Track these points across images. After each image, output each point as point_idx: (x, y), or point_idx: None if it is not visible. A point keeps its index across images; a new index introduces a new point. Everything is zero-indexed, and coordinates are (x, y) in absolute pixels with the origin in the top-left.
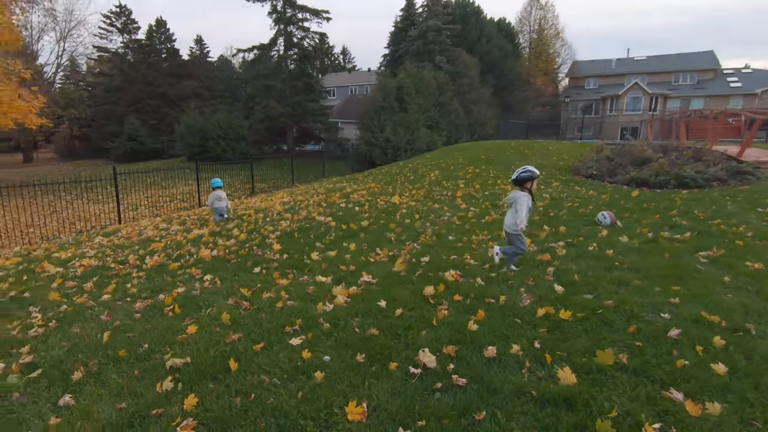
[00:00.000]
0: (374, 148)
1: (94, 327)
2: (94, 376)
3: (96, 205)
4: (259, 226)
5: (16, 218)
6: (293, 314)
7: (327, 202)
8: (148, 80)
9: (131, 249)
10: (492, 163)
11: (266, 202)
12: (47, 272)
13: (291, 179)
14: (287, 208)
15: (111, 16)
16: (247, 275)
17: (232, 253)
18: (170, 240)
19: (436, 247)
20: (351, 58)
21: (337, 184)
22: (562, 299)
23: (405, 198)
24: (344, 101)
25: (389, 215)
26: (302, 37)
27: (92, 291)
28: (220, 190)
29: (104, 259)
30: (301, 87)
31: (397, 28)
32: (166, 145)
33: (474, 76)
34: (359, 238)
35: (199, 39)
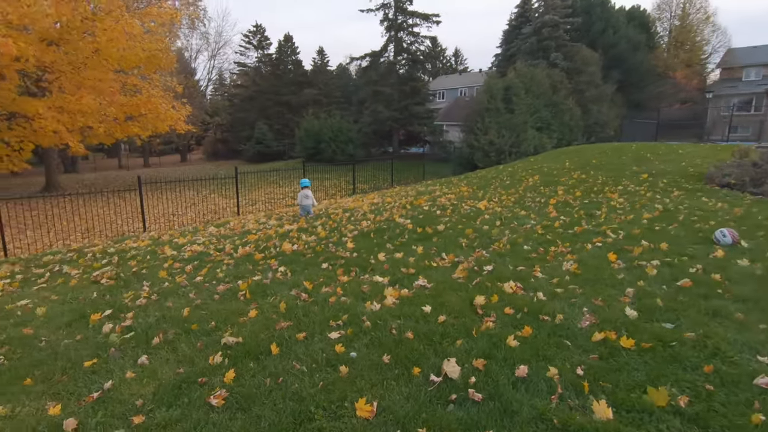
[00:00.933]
0: (476, 151)
1: (182, 303)
2: (169, 344)
3: (224, 200)
4: (342, 224)
5: (165, 208)
6: (342, 310)
7: (412, 205)
8: (275, 90)
9: (231, 239)
10: (602, 168)
11: (357, 202)
12: (165, 254)
13: (390, 181)
14: (373, 209)
15: (249, 35)
16: (315, 270)
17: (309, 249)
18: (264, 233)
19: (506, 257)
20: (463, 60)
21: (430, 187)
22: (631, 325)
23: (492, 203)
24: (450, 104)
25: (469, 220)
26: (411, 42)
27: (190, 273)
28: (308, 189)
29: (208, 246)
30: (408, 91)
31: (511, 26)
32: (287, 148)
33: (594, 72)
34: (430, 242)
35: (320, 50)
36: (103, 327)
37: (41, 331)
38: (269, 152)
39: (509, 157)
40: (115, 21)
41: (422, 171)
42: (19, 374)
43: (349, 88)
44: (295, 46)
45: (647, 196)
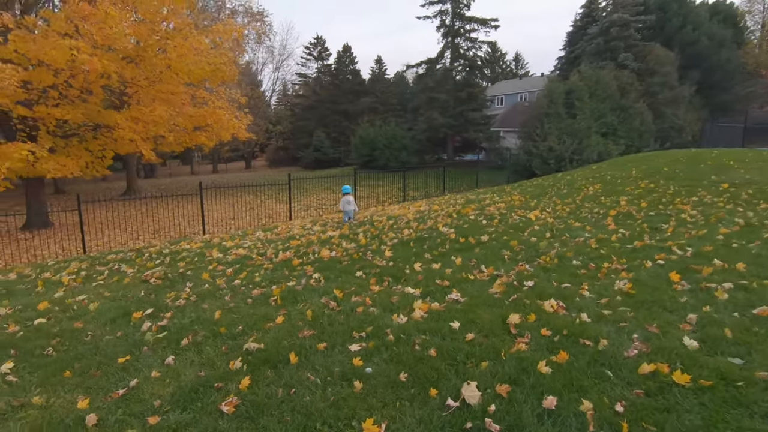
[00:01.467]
0: (534, 158)
1: (217, 305)
2: (196, 345)
3: (279, 205)
4: (383, 232)
5: (225, 212)
6: (367, 321)
7: (458, 214)
8: (333, 99)
9: (275, 244)
10: (675, 177)
11: (403, 210)
12: (211, 257)
13: (442, 189)
14: (418, 217)
15: (310, 47)
16: (349, 278)
17: (347, 256)
18: (306, 239)
19: (551, 272)
20: (524, 64)
21: (480, 196)
22: (689, 358)
23: (544, 214)
24: (508, 109)
25: (516, 231)
26: (468, 47)
27: (230, 276)
28: (349, 195)
29: (252, 250)
30: (464, 97)
31: (576, 27)
32: (343, 155)
33: (669, 73)
34: (471, 253)
35: (378, 59)
36: (142, 325)
37: (89, 325)
38: (326, 159)
39: (570, 165)
40: (184, 38)
41: (475, 179)
42: (62, 366)
43: (406, 96)
44: (353, 56)
45: (726, 208)
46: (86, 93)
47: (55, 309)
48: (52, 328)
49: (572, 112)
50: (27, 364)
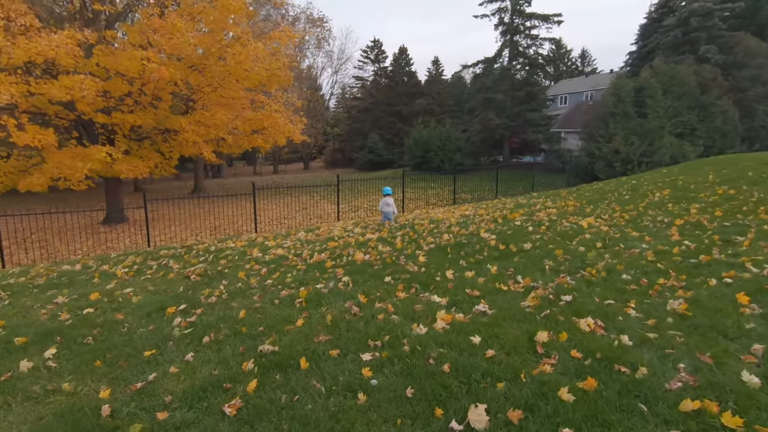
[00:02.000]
0: (597, 161)
1: (245, 304)
2: (217, 343)
3: (331, 205)
4: (422, 236)
5: (279, 211)
6: (386, 329)
7: (504, 219)
8: (388, 101)
9: (313, 245)
10: (761, 183)
11: (448, 213)
12: (251, 256)
13: (495, 192)
14: (461, 221)
15: (367, 50)
16: (377, 283)
17: (380, 260)
18: (344, 241)
19: (595, 286)
20: (591, 61)
21: (532, 200)
22: (746, 396)
23: (599, 221)
24: (570, 109)
25: (564, 239)
26: (528, 45)
27: (264, 275)
28: (389, 197)
29: (290, 250)
30: (522, 97)
31: (650, 19)
32: (396, 157)
33: (763, 66)
34: (510, 261)
35: (435, 60)
36: (174, 320)
37: (129, 317)
38: (379, 161)
39: (638, 168)
40: (242, 46)
41: (531, 182)
42: (96, 355)
43: (463, 97)
44: (409, 58)
45: None
46: (156, 100)
47: (104, 300)
48: (96, 318)
49: (642, 111)
50: (68, 351)
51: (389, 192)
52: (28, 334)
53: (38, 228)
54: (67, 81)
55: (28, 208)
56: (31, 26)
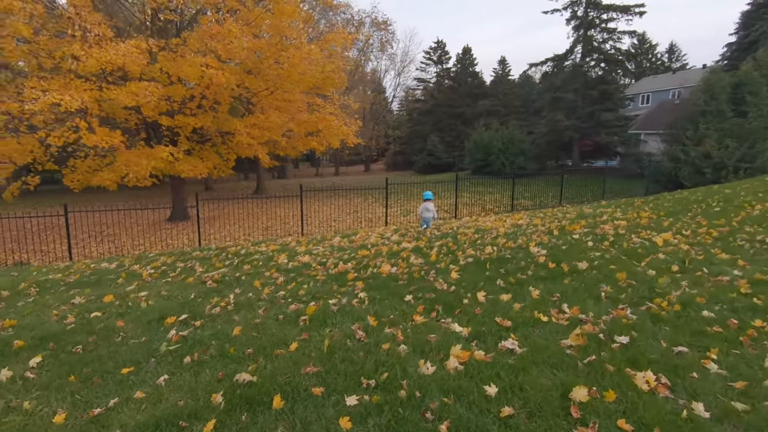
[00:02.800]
0: (683, 166)
1: (247, 318)
2: (197, 365)
3: (383, 209)
4: (462, 247)
5: (331, 212)
6: (387, 363)
7: (561, 230)
8: (450, 102)
9: (343, 252)
10: None
11: (498, 222)
12: (276, 262)
13: (559, 199)
14: (511, 231)
15: (430, 51)
16: (396, 302)
17: (406, 274)
18: (376, 250)
19: (664, 324)
20: (680, 56)
21: (600, 209)
22: None
23: (678, 238)
24: (652, 108)
25: (631, 259)
26: (604, 39)
27: (279, 285)
28: (430, 202)
29: (316, 257)
30: (595, 96)
31: (755, 5)
32: (456, 159)
33: None
34: (557, 284)
35: (502, 60)
36: (169, 332)
37: (129, 325)
38: (439, 164)
39: (734, 175)
40: (296, 49)
41: (602, 188)
42: (75, 369)
43: (531, 98)
44: (473, 58)
45: None
46: (216, 104)
47: (115, 303)
48: (98, 324)
49: (741, 110)
50: (53, 361)
51: (430, 197)
52: (28, 338)
53: (113, 223)
54: (134, 87)
55: (106, 205)
56: (104, 36)
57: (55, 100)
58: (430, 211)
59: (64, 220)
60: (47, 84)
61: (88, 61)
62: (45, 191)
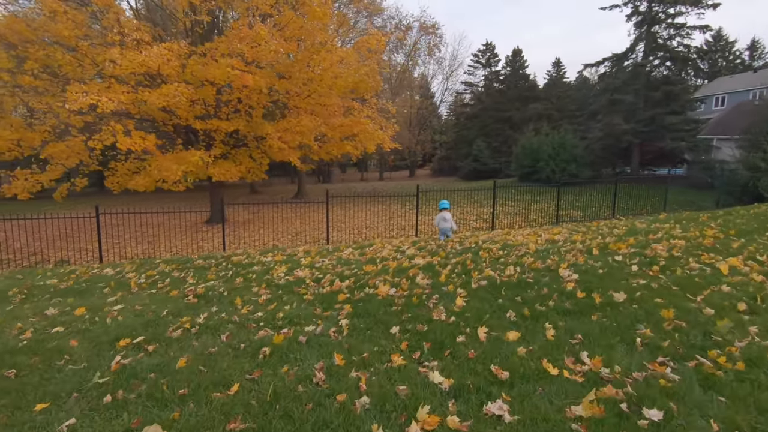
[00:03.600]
0: (762, 176)
1: (205, 345)
2: (116, 408)
3: (420, 216)
4: (479, 266)
5: (364, 219)
6: (331, 427)
7: (602, 249)
8: (497, 106)
9: (347, 267)
10: None
11: (532, 236)
12: (271, 276)
13: (612, 211)
14: (543, 248)
15: (478, 54)
16: (379, 333)
17: (404, 297)
18: (383, 265)
19: (719, 391)
20: (764, 53)
21: (654, 224)
22: None
23: (751, 265)
24: (726, 111)
25: (684, 291)
26: (670, 36)
27: (261, 304)
28: (446, 211)
29: (315, 272)
30: (658, 98)
31: None
32: (503, 166)
33: None
34: (582, 321)
35: (557, 62)
36: (113, 359)
37: (81, 345)
38: (485, 170)
39: None
40: (327, 52)
41: (663, 199)
42: None
43: (588, 101)
44: (523, 60)
45: None
46: (251, 108)
47: (85, 317)
48: (53, 341)
49: None
50: None
51: (446, 206)
52: None
53: (156, 224)
54: (165, 89)
55: (153, 206)
56: (142, 40)
57: (92, 101)
58: (448, 221)
59: (96, 221)
60: (87, 87)
61: (123, 62)
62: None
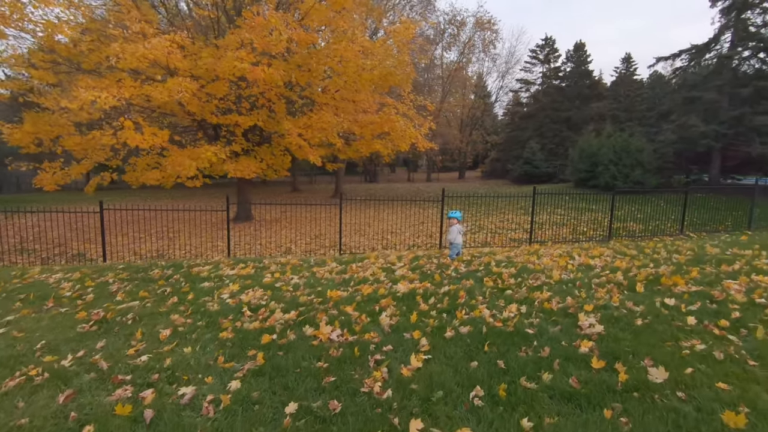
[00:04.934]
0: None
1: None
2: None
3: (446, 224)
4: (473, 302)
5: (393, 223)
6: None
7: (650, 284)
8: (555, 105)
9: (310, 290)
10: None
11: (561, 259)
12: (215, 297)
13: (680, 226)
14: (568, 278)
15: (536, 50)
16: (269, 414)
17: (342, 349)
18: (354, 290)
19: None
20: None
21: (731, 249)
22: None
23: None
24: None
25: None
26: (765, 23)
27: (160, 341)
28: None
29: (264, 296)
30: (747, 95)
31: None
32: (558, 170)
33: None
34: (589, 422)
35: (627, 57)
36: None
37: None
38: (537, 173)
39: None
40: (350, 42)
41: (748, 214)
42: None
43: (662, 100)
44: (586, 56)
45: None
46: (271, 102)
47: None
48: None
49: None
50: None
51: (457, 216)
52: None
53: (184, 220)
54: (170, 83)
55: (183, 204)
56: (145, 33)
57: (92, 98)
58: (460, 235)
59: (101, 217)
60: (93, 82)
61: (126, 56)
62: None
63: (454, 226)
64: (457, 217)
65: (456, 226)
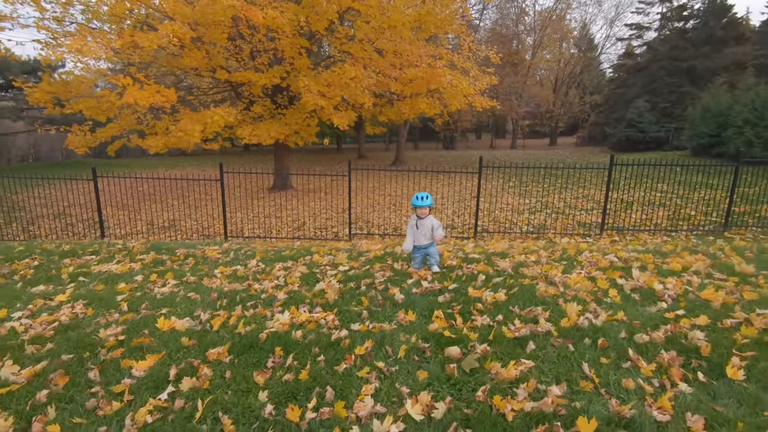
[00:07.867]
0: None
1: None
2: None
3: (517, 199)
4: (407, 362)
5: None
6: None
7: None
8: (674, 54)
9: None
10: None
11: (607, 274)
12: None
13: None
14: (598, 323)
15: None
16: None
17: None
18: (265, 298)
19: None
20: None
21: None
22: None
23: None
24: None
25: None
26: None
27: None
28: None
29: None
30: None
31: None
32: (672, 134)
33: None
34: None
35: None
36: None
37: None
38: (642, 139)
39: None
40: None
41: None
42: None
43: None
44: None
45: None
46: (291, 57)
47: None
48: None
49: None
50: None
51: (421, 204)
52: None
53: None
54: (161, 29)
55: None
56: None
57: (70, 50)
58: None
59: (95, 186)
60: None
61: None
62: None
63: (422, 219)
64: (420, 204)
65: (426, 219)
